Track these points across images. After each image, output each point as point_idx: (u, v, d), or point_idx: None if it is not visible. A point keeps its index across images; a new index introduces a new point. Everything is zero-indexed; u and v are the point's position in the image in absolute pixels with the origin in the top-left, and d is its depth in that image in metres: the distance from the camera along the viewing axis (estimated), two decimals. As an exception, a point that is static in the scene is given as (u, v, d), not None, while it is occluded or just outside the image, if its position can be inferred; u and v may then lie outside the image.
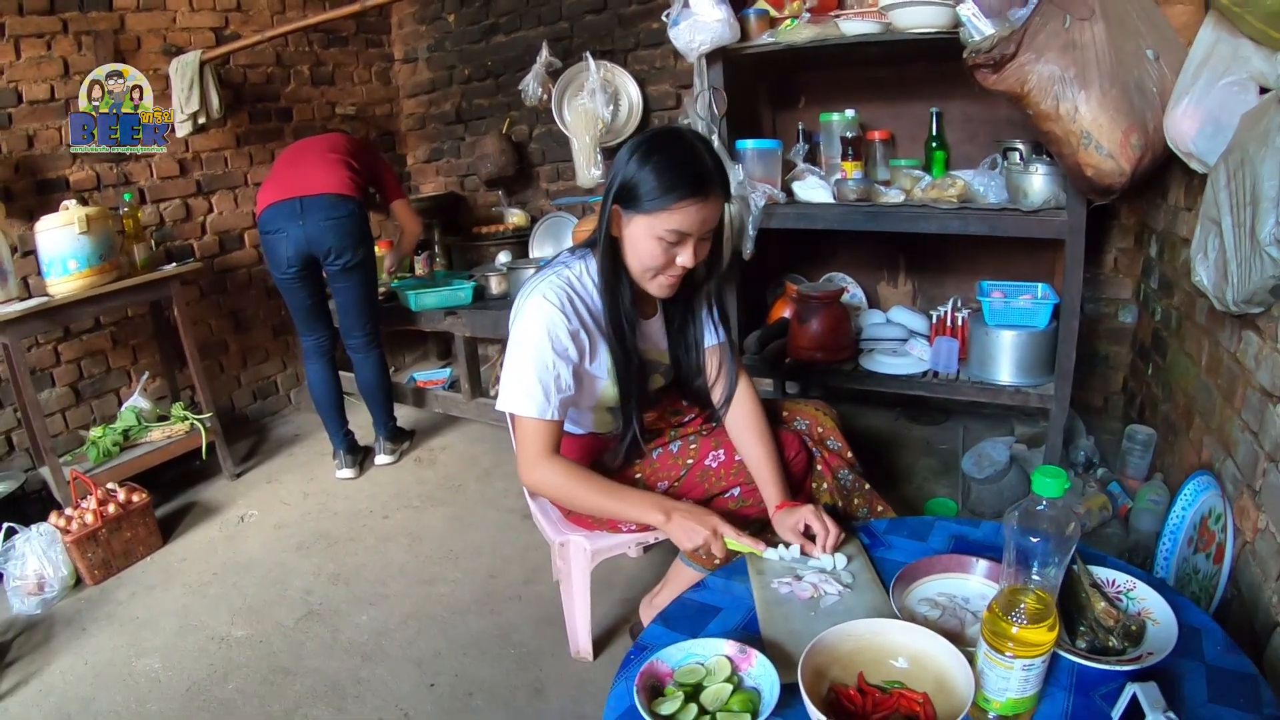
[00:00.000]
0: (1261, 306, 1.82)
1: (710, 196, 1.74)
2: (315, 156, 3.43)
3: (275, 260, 3.40)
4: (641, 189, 1.73)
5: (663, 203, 1.71)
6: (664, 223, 1.73)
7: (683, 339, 2.08)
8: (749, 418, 2.07)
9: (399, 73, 5.12)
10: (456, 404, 4.13)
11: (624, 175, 1.76)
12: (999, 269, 3.49)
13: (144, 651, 2.61)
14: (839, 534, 1.79)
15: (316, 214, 3.31)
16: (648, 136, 1.80)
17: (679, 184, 1.71)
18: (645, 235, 1.77)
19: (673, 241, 1.76)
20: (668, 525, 1.84)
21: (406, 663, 2.48)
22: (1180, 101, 2.13)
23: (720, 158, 1.82)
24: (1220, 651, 1.39)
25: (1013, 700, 1.22)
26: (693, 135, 1.81)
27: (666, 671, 1.40)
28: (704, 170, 1.74)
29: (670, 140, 1.78)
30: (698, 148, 1.77)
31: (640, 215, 1.76)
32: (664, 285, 1.86)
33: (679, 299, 2.01)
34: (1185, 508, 2.30)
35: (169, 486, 3.70)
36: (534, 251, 4.38)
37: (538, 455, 1.90)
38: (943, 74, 3.09)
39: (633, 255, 1.83)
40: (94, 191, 3.68)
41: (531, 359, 1.85)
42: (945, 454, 3.50)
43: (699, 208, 1.73)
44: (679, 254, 1.78)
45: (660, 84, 4.15)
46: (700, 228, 1.76)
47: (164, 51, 3.80)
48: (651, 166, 1.72)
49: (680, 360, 2.10)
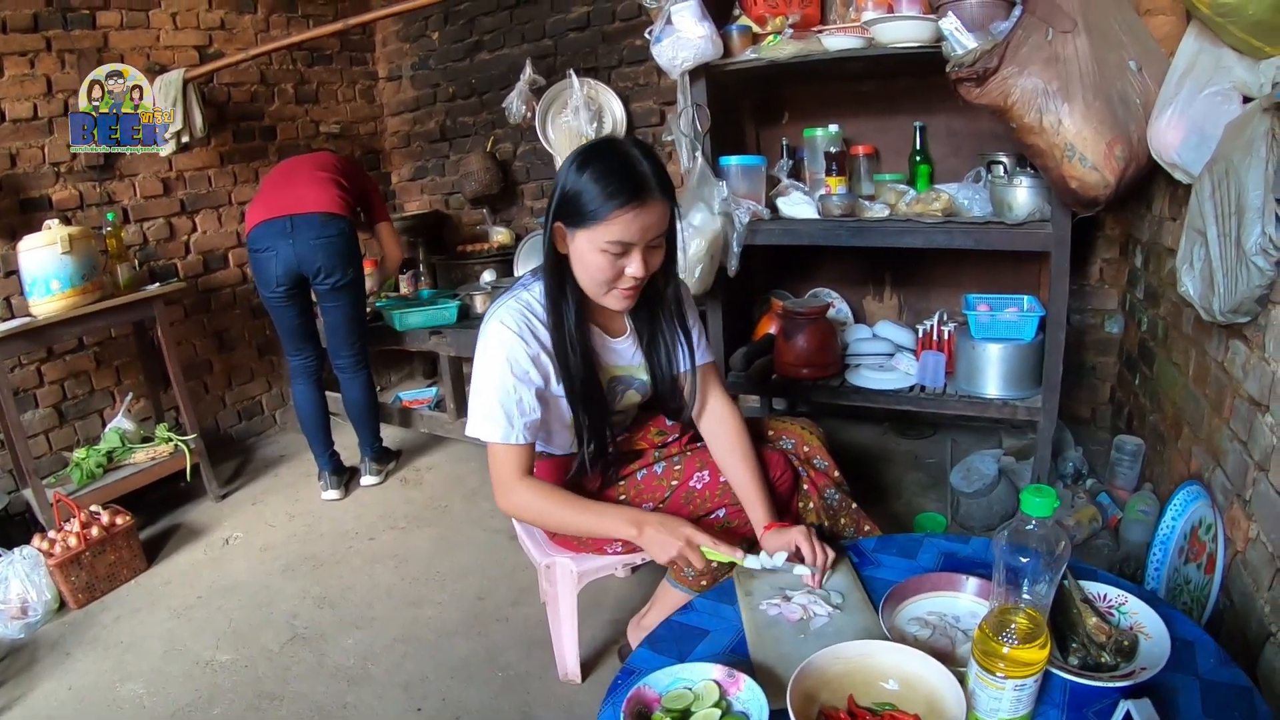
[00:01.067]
0: (1248, 316, 1.82)
1: (649, 202, 1.69)
2: (305, 175, 3.41)
3: (264, 279, 3.37)
4: (579, 201, 1.70)
5: (601, 213, 1.67)
6: (605, 234, 1.69)
7: (654, 354, 2.04)
8: (733, 437, 2.04)
9: (383, 91, 5.11)
10: (442, 424, 4.11)
11: (561, 189, 1.74)
12: (985, 282, 3.49)
13: (128, 676, 2.58)
14: (829, 557, 1.77)
15: (307, 232, 3.29)
16: (582, 148, 1.77)
17: (616, 192, 1.66)
18: (589, 249, 1.73)
19: (618, 253, 1.72)
20: (640, 538, 1.81)
21: (393, 687, 2.45)
22: (1164, 112, 2.13)
23: (660, 162, 1.76)
24: (1214, 664, 1.37)
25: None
26: (630, 142, 1.77)
27: (654, 697, 1.38)
28: (639, 176, 1.68)
29: (604, 149, 1.74)
30: (633, 154, 1.71)
31: (581, 230, 1.72)
32: (620, 298, 1.81)
33: (643, 312, 1.98)
34: (1175, 518, 2.29)
35: (153, 508, 3.67)
36: (518, 270, 4.36)
37: (509, 479, 1.89)
38: (926, 88, 3.09)
39: (581, 270, 1.79)
40: (77, 211, 3.66)
41: (492, 385, 1.83)
42: (933, 468, 3.49)
43: (637, 214, 1.68)
44: (627, 264, 1.74)
45: (644, 101, 4.16)
46: (642, 235, 1.71)
47: (147, 70, 3.76)
48: (586, 177, 1.69)
49: (657, 375, 2.07)
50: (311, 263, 3.33)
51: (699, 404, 2.09)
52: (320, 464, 3.75)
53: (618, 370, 2.04)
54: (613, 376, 2.04)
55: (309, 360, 3.61)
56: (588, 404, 1.94)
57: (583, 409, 1.94)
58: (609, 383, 2.03)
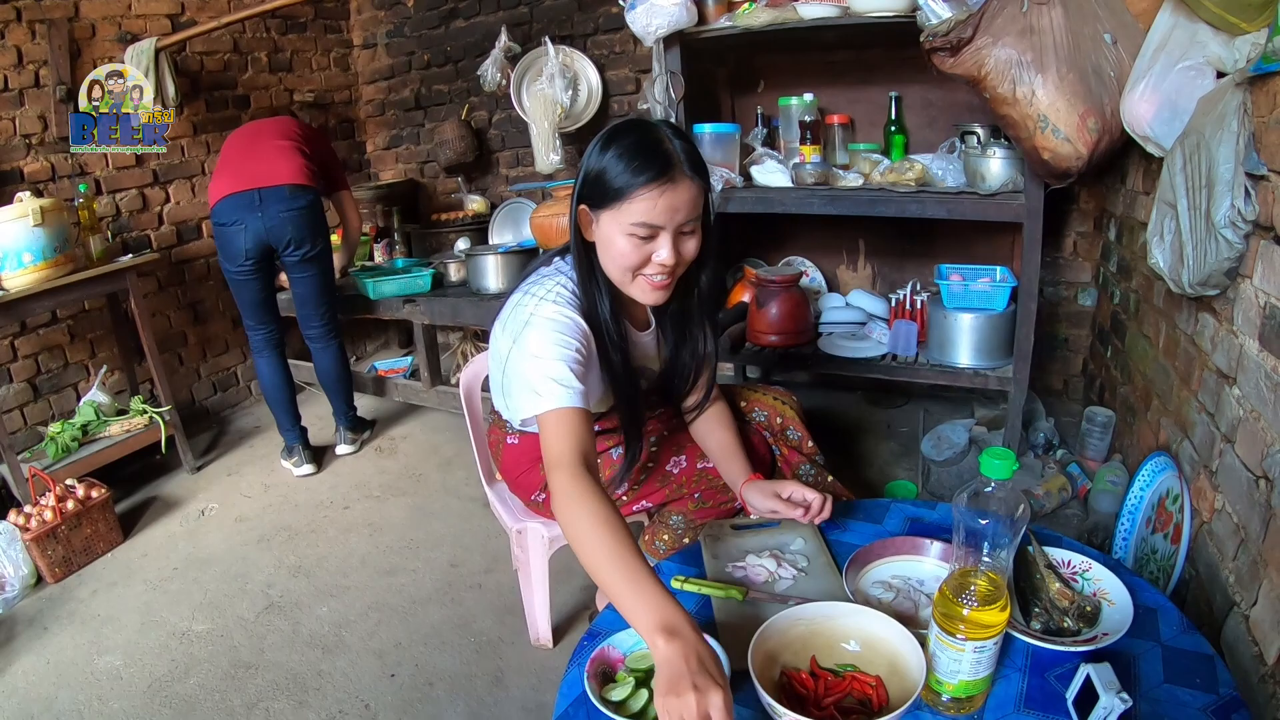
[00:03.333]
0: (1217, 289, 1.83)
1: (678, 180, 1.57)
2: (269, 144, 3.37)
3: (231, 253, 3.33)
4: (603, 180, 1.59)
5: (626, 191, 1.56)
6: (630, 214, 1.57)
7: (679, 353, 1.92)
8: (714, 415, 2.01)
9: (358, 59, 5.05)
10: (417, 392, 4.10)
11: (585, 170, 1.64)
12: (958, 252, 3.50)
13: (106, 649, 2.57)
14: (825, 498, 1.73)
15: (276, 205, 3.26)
16: (609, 128, 1.65)
17: (642, 169, 1.55)
18: (615, 232, 1.61)
19: (645, 236, 1.59)
20: (655, 654, 1.24)
21: (367, 654, 2.46)
22: (1137, 85, 2.13)
23: (692, 142, 1.65)
24: (1176, 632, 1.38)
25: (965, 682, 1.21)
26: (658, 121, 1.68)
27: (618, 657, 1.39)
28: (666, 152, 1.57)
29: (630, 127, 1.64)
30: (661, 131, 1.61)
31: (606, 210, 1.61)
32: (648, 289, 1.68)
33: (673, 305, 1.83)
34: (1143, 488, 2.31)
35: (129, 481, 3.64)
36: (493, 238, 4.33)
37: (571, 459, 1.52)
38: (902, 59, 3.09)
39: (607, 258, 1.67)
40: (49, 183, 3.60)
41: (552, 351, 1.61)
42: (905, 436, 3.52)
43: (664, 192, 1.56)
44: (656, 250, 1.62)
45: (620, 69, 4.13)
46: (671, 217, 1.58)
47: (119, 39, 3.72)
48: (611, 154, 1.58)
49: (673, 373, 1.95)
50: (281, 235, 3.30)
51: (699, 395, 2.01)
52: (289, 439, 3.72)
53: (638, 363, 1.94)
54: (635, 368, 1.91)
55: (273, 333, 3.58)
56: (628, 398, 1.83)
57: (625, 404, 1.83)
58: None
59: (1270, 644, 1.52)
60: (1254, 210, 1.62)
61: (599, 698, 1.27)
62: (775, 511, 1.75)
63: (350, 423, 3.86)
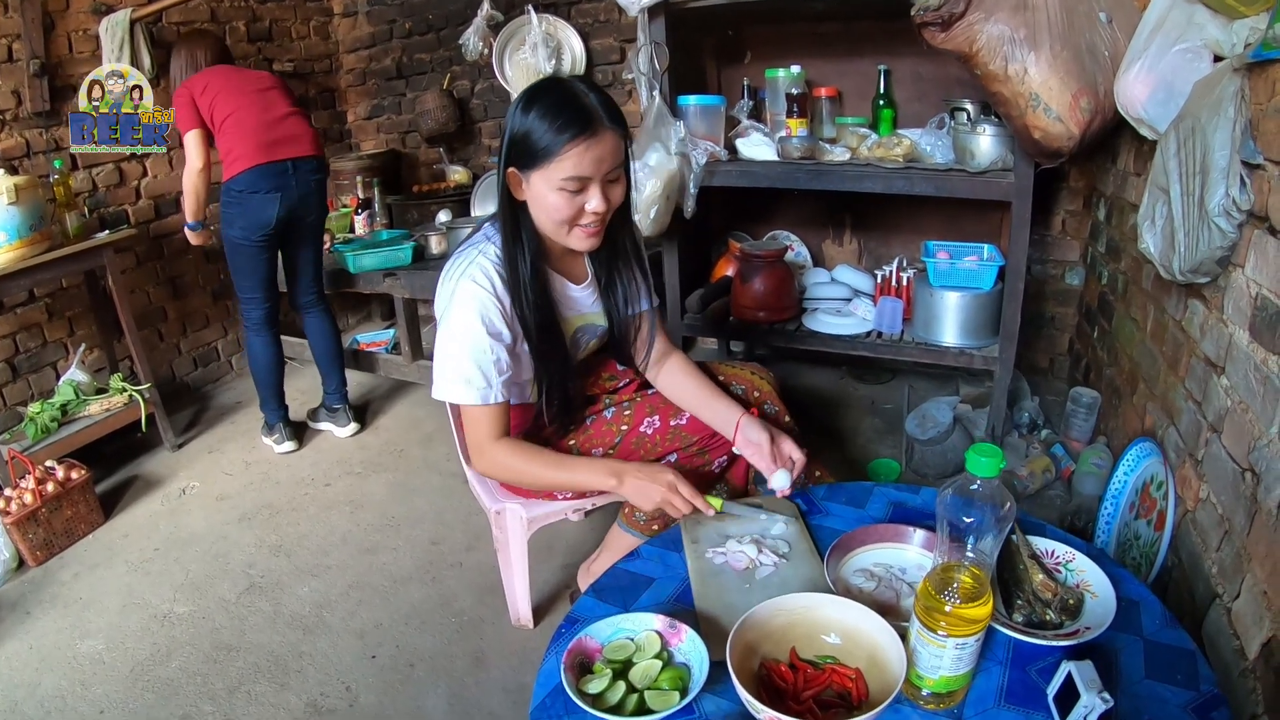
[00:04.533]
0: (1208, 277, 1.81)
1: (600, 131, 1.65)
2: (283, 109, 3.31)
3: (260, 222, 3.26)
4: (529, 141, 1.66)
5: (553, 149, 1.64)
6: (559, 170, 1.65)
7: (612, 296, 2.01)
8: (682, 369, 2.07)
9: (338, 27, 4.95)
10: (398, 367, 4.05)
11: (509, 133, 1.70)
12: (946, 228, 3.48)
13: (88, 633, 2.55)
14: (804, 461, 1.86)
15: (308, 174, 3.30)
16: (525, 90, 1.72)
17: (565, 125, 1.63)
18: (546, 189, 1.69)
19: (575, 189, 1.68)
20: (621, 488, 1.79)
21: (348, 634, 2.45)
22: (1132, 66, 2.10)
23: (606, 93, 1.72)
24: (1158, 625, 1.38)
25: (946, 678, 1.19)
26: (573, 78, 1.74)
27: (595, 647, 1.37)
28: (586, 107, 1.65)
29: (546, 87, 1.72)
30: (577, 87, 1.69)
31: (536, 170, 1.68)
32: (583, 236, 1.77)
33: (601, 254, 1.94)
34: (1128, 473, 2.31)
35: (110, 461, 3.60)
36: (475, 210, 4.29)
37: (486, 441, 1.86)
38: (892, 31, 3.03)
39: (540, 213, 1.75)
40: (23, 159, 3.51)
41: (467, 345, 1.78)
42: (890, 413, 3.51)
43: (589, 145, 1.64)
44: (587, 200, 1.71)
45: (604, 38, 4.07)
46: (598, 167, 1.67)
47: (93, 10, 3.62)
48: (533, 115, 1.65)
49: (613, 318, 2.04)
50: (308, 204, 3.35)
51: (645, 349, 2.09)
52: (272, 417, 3.67)
53: (581, 320, 2.02)
54: (576, 328, 2.01)
55: (272, 308, 3.51)
56: (549, 356, 1.91)
57: (543, 361, 1.91)
58: (573, 334, 2.01)
59: (1251, 638, 1.51)
60: (1249, 199, 1.59)
61: (576, 690, 1.26)
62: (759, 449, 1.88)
63: (347, 400, 3.82)
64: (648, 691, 1.27)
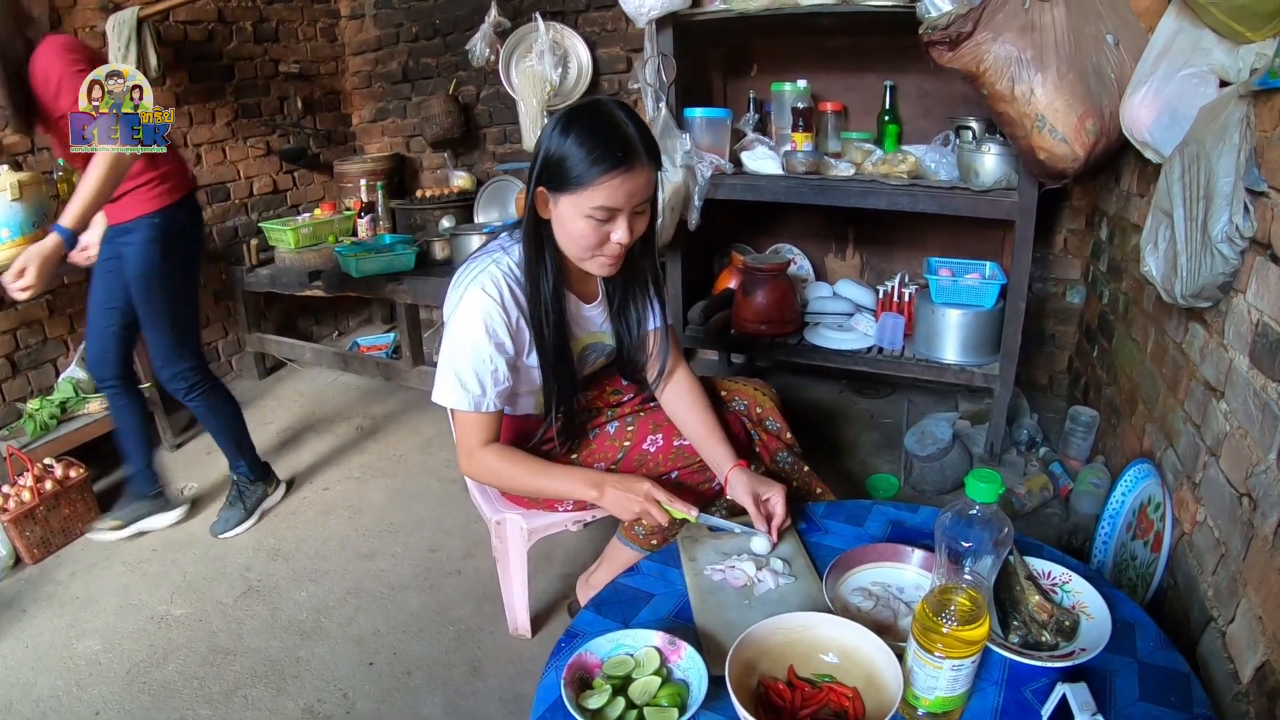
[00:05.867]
0: (1209, 301, 1.81)
1: (636, 167, 1.64)
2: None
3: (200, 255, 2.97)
4: (563, 166, 1.64)
5: (586, 179, 1.62)
6: (590, 200, 1.64)
7: (624, 318, 2.02)
8: (689, 395, 2.04)
9: (345, 30, 4.96)
10: (398, 372, 4.06)
11: (544, 153, 1.68)
12: (948, 245, 3.49)
13: (84, 633, 2.54)
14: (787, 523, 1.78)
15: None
16: (566, 110, 1.70)
17: (603, 158, 1.60)
18: (574, 215, 1.67)
19: (603, 219, 1.66)
20: (601, 499, 1.81)
21: (346, 641, 2.44)
22: (1138, 89, 2.11)
23: (645, 125, 1.70)
24: (1153, 648, 1.38)
25: (942, 699, 1.20)
26: (613, 104, 1.71)
27: (595, 663, 1.38)
28: (626, 139, 1.63)
29: (589, 112, 1.68)
30: (618, 116, 1.66)
31: (566, 195, 1.66)
32: (603, 264, 1.76)
33: (617, 277, 1.91)
34: (1125, 493, 2.32)
35: (107, 459, 3.56)
36: (479, 216, 4.30)
37: (475, 446, 1.88)
38: (899, 47, 3.05)
39: (564, 237, 1.74)
40: (28, 155, 3.51)
41: (468, 353, 1.79)
42: (889, 428, 3.51)
43: (624, 179, 1.63)
44: (613, 231, 1.69)
45: (611, 47, 4.08)
46: (629, 201, 1.66)
47: (100, 8, 3.62)
48: (571, 140, 1.63)
49: (623, 340, 2.04)
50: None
51: (656, 365, 2.08)
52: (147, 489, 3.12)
53: (590, 339, 2.02)
54: (585, 345, 2.01)
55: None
56: (559, 373, 1.91)
57: (554, 378, 1.91)
58: (581, 352, 2.01)
59: (1245, 662, 1.51)
60: (1252, 227, 1.60)
61: (576, 705, 1.26)
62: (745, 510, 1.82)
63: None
64: (647, 708, 1.27)
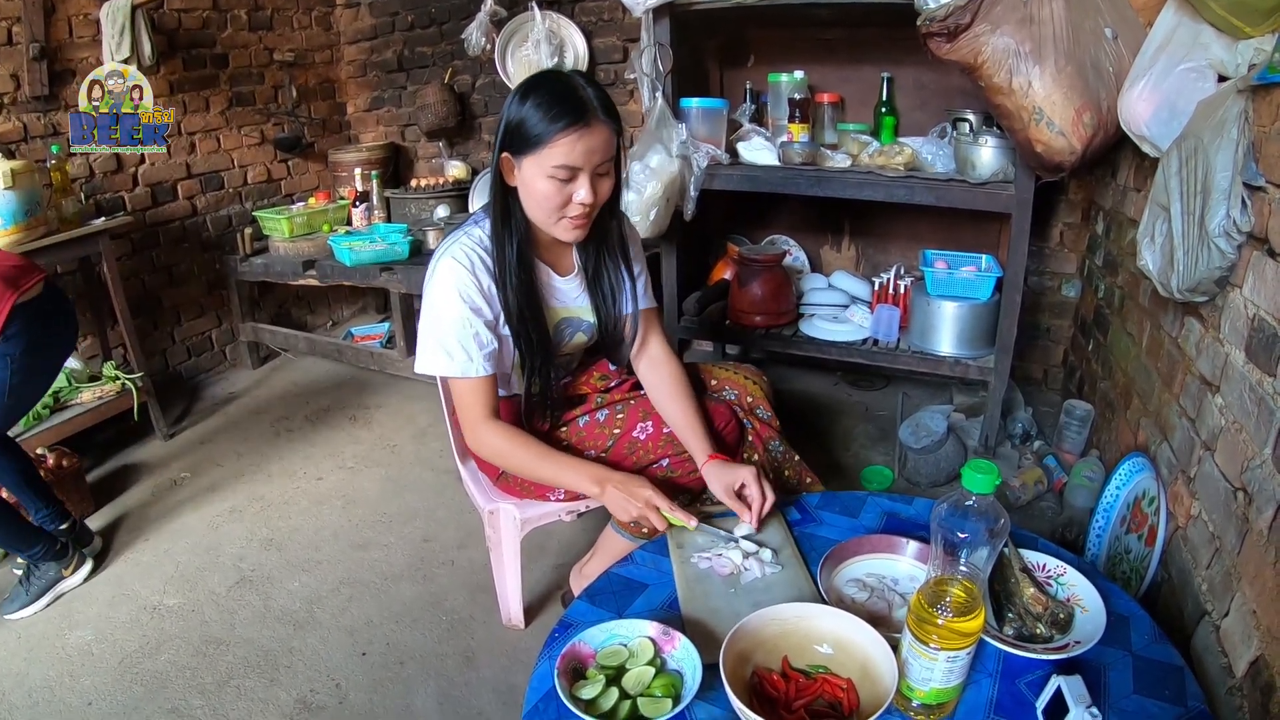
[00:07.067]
0: (1206, 296, 1.81)
1: (594, 124, 1.70)
2: None
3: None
4: (523, 128, 1.70)
5: (546, 137, 1.68)
6: (550, 158, 1.69)
7: (599, 289, 2.04)
8: (670, 382, 2.05)
9: (340, 18, 4.93)
10: (392, 361, 4.05)
11: (506, 120, 1.74)
12: (944, 237, 3.49)
13: (76, 623, 2.53)
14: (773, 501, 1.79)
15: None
16: (526, 80, 1.77)
17: (559, 115, 1.67)
18: (536, 176, 1.72)
19: (565, 179, 1.72)
20: (602, 496, 1.81)
21: (338, 631, 2.44)
22: (1136, 83, 2.11)
23: (602, 88, 1.77)
24: (1147, 641, 1.39)
25: (937, 690, 1.20)
26: (572, 72, 1.80)
27: (589, 653, 1.38)
28: (581, 98, 1.69)
29: (545, 77, 1.76)
30: (575, 80, 1.74)
31: (528, 156, 1.72)
32: (569, 227, 1.81)
33: (589, 248, 1.98)
34: (1120, 487, 2.32)
35: (101, 449, 3.58)
36: (474, 205, 4.28)
37: (478, 418, 1.89)
38: (896, 39, 3.04)
39: (530, 200, 1.79)
40: (20, 144, 3.48)
41: (447, 319, 1.83)
42: (884, 420, 3.51)
43: (581, 135, 1.68)
44: (576, 191, 1.74)
45: (607, 36, 4.07)
46: (588, 159, 1.71)
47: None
48: (530, 104, 1.69)
49: (601, 312, 2.06)
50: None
51: (638, 348, 2.10)
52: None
53: (566, 312, 2.03)
54: (561, 318, 2.02)
55: None
56: (531, 341, 1.93)
57: (526, 346, 1.93)
58: (557, 324, 2.02)
59: (1239, 656, 1.52)
60: (1249, 221, 1.60)
61: (569, 695, 1.26)
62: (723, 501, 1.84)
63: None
64: (640, 698, 1.27)
